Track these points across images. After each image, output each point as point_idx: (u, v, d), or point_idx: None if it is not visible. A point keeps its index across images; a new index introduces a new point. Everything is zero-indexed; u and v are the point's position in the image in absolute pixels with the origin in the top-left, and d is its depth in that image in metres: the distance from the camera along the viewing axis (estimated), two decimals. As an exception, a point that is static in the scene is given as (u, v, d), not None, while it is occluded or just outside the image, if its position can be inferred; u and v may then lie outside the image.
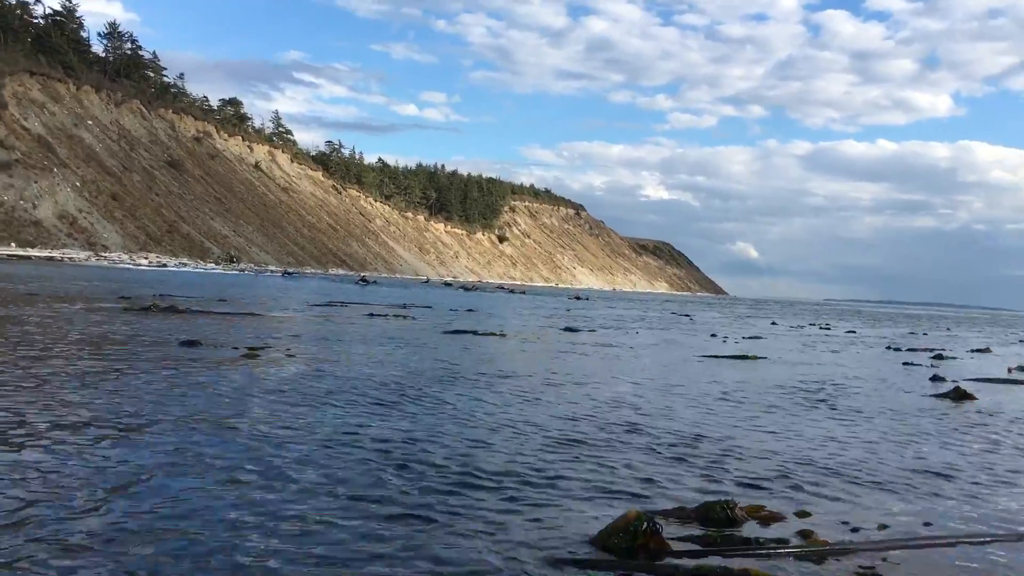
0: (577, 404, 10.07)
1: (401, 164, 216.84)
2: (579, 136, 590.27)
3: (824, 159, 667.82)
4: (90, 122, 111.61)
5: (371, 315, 25.26)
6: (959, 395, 13.60)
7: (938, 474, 7.41)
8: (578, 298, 76.60)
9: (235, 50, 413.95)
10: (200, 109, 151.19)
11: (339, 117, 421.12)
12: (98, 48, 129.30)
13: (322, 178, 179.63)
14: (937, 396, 13.58)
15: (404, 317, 26.09)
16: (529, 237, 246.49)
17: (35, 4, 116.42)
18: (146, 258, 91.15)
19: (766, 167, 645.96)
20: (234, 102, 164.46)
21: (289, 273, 69.76)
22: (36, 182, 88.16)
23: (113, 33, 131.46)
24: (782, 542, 5.09)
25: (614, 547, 4.79)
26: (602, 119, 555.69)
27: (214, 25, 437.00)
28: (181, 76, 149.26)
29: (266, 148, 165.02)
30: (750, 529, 5.35)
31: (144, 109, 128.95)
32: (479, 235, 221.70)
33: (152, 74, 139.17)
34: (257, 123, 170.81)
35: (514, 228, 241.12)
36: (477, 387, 10.95)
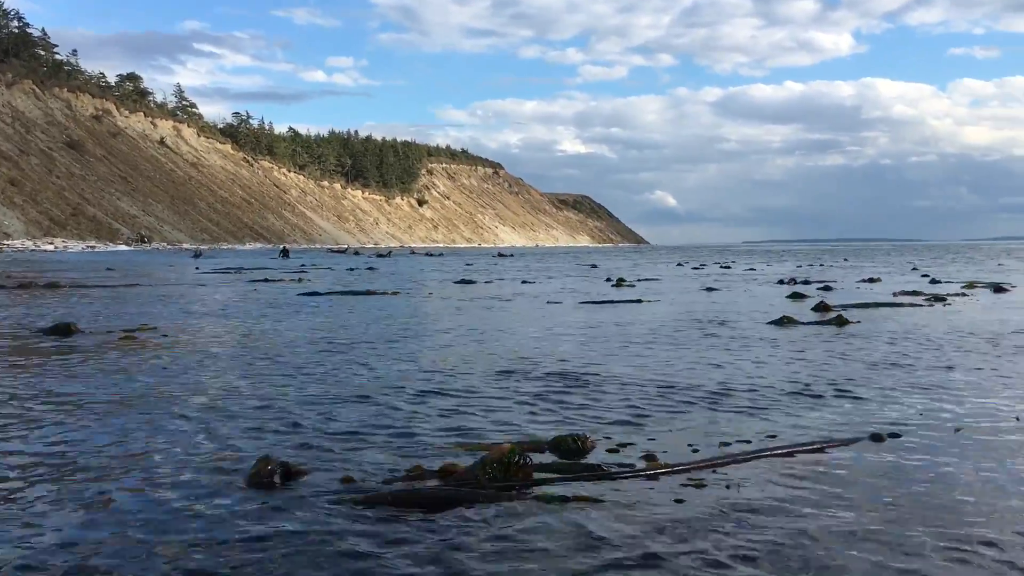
0: (447, 354, 10.24)
1: (313, 133, 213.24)
2: (492, 94, 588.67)
3: (734, 104, 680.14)
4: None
5: (265, 280, 25.07)
6: (840, 322, 14.24)
7: (797, 393, 7.79)
8: (501, 255, 76.93)
9: (129, 23, 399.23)
10: (97, 86, 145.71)
11: (245, 87, 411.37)
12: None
13: (232, 151, 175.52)
14: (818, 323, 14.17)
15: (300, 280, 26.33)
16: (449, 199, 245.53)
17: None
18: (51, 243, 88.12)
19: (679, 115, 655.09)
20: (133, 77, 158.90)
21: (198, 253, 68.07)
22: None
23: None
24: (625, 466, 5.36)
25: (487, 475, 4.94)
26: (514, 75, 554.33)
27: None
28: (74, 53, 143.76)
29: (170, 123, 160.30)
30: (599, 457, 5.60)
31: (37, 89, 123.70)
32: (398, 200, 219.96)
33: (43, 52, 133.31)
34: (159, 98, 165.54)
35: (433, 191, 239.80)
36: (356, 349, 11.03)
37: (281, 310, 16.57)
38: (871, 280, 27.97)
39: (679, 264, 43.78)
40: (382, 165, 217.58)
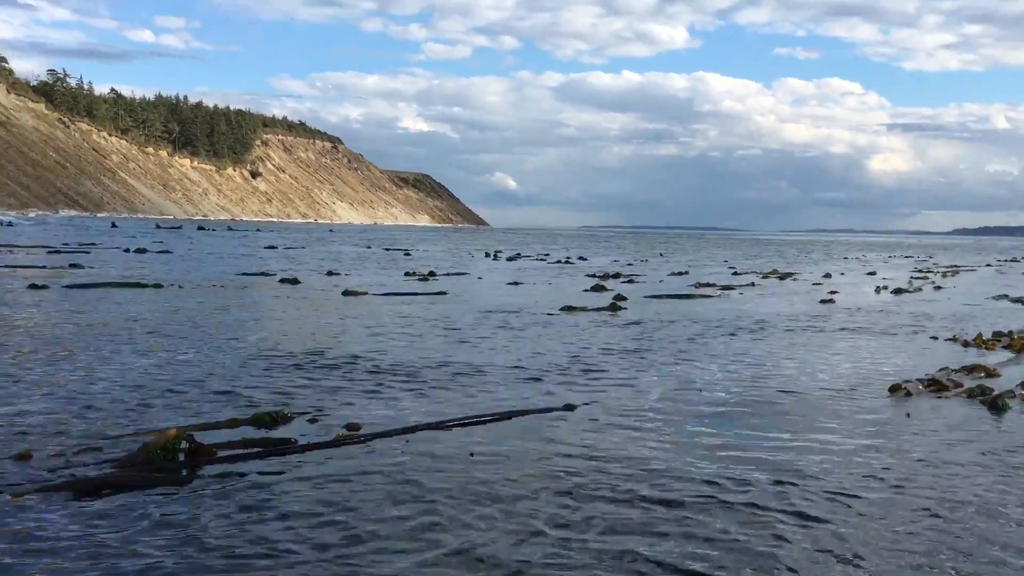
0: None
1: (138, 95, 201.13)
2: (332, 66, 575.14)
3: (575, 90, 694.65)
4: None
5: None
6: (614, 308, 15.07)
7: (531, 377, 8.25)
8: (331, 231, 75.85)
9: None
10: None
11: (64, 43, 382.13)
12: None
13: (46, 111, 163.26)
14: (597, 310, 14.94)
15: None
16: (284, 172, 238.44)
17: None
18: None
19: (520, 98, 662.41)
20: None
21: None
22: None
23: None
24: (320, 436, 5.59)
25: (155, 460, 4.99)
26: (355, 48, 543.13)
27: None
28: None
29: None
30: (297, 428, 5.80)
31: None
32: (230, 171, 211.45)
33: None
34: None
35: (268, 163, 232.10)
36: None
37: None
38: (680, 273, 29.47)
39: (494, 255, 44.41)
40: (213, 133, 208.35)
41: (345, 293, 16.94)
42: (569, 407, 6.65)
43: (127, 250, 31.03)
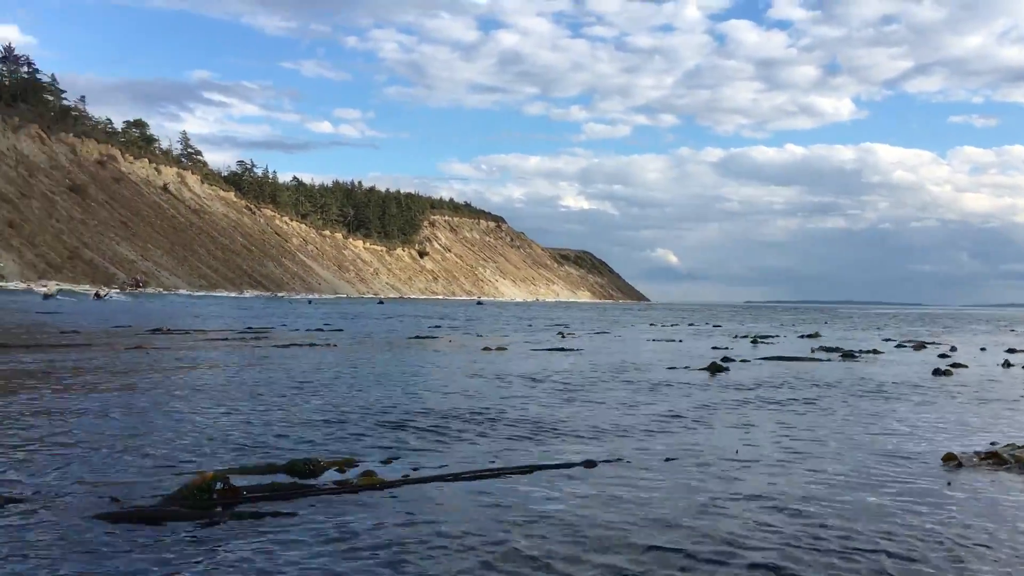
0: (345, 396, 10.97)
1: (317, 182, 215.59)
2: (496, 149, 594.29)
3: (736, 165, 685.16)
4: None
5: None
6: (715, 368, 14.97)
7: (597, 428, 8.44)
8: (480, 303, 77.90)
9: (139, 70, 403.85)
10: (103, 132, 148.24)
11: (252, 136, 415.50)
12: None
13: (235, 199, 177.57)
14: (700, 369, 14.87)
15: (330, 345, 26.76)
16: (450, 251, 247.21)
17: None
18: (45, 286, 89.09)
19: (681, 174, 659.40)
20: (139, 123, 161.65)
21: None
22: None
23: (8, 57, 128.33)
24: (342, 484, 6.06)
25: (191, 498, 5.62)
26: (518, 131, 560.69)
27: (116, 46, 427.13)
28: (82, 99, 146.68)
29: (175, 170, 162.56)
30: (327, 476, 6.31)
31: (43, 134, 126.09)
32: (399, 251, 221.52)
33: (51, 97, 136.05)
34: (165, 145, 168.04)
35: (434, 243, 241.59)
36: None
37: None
38: (809, 336, 28.64)
39: (651, 324, 44.39)
40: (384, 216, 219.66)
41: (485, 349, 17.70)
42: (589, 463, 6.83)
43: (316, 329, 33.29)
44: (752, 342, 23.92)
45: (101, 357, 15.12)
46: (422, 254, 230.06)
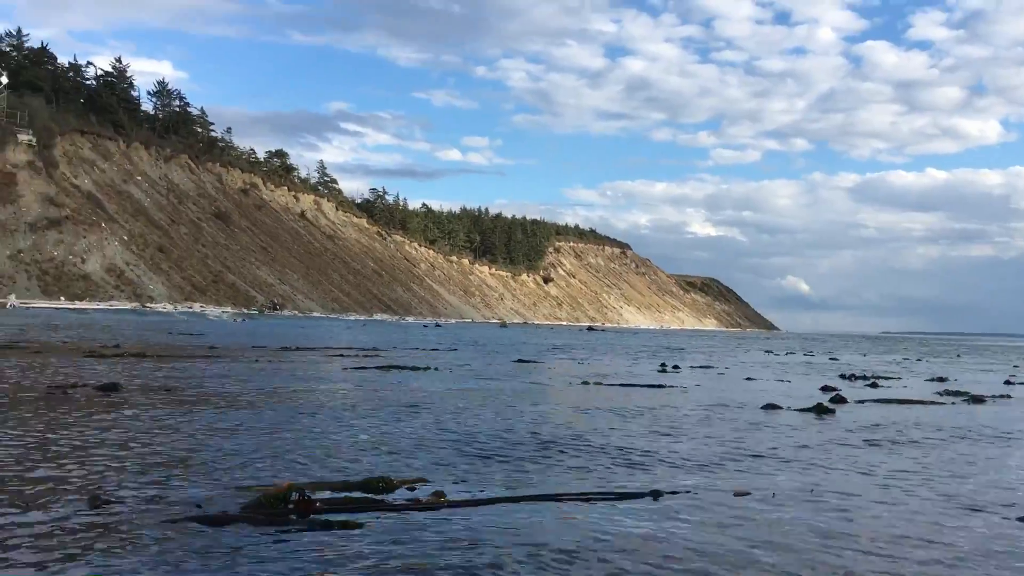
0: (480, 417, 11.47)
1: (445, 209, 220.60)
2: (622, 175, 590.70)
3: (872, 190, 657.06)
4: (139, 178, 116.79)
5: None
6: (821, 410, 14.64)
7: (679, 460, 8.58)
8: (591, 329, 77.96)
9: (281, 103, 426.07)
10: (247, 161, 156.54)
11: (384, 164, 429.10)
12: (148, 106, 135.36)
13: (367, 225, 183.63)
14: (801, 410, 14.61)
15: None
16: (574, 277, 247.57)
17: (86, 67, 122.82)
18: (190, 307, 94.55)
19: (813, 200, 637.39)
20: (280, 153, 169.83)
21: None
22: (85, 237, 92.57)
23: (162, 91, 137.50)
24: (411, 501, 6.46)
25: (269, 506, 6.17)
26: (644, 157, 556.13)
27: (260, 80, 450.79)
28: (228, 130, 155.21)
29: (312, 197, 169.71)
30: (399, 494, 6.72)
31: (192, 163, 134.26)
32: (524, 277, 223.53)
33: (200, 129, 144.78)
34: (303, 173, 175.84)
35: (559, 269, 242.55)
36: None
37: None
38: (939, 379, 27.33)
39: (767, 352, 43.35)
40: (510, 242, 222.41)
41: (583, 383, 17.90)
42: (656, 493, 6.98)
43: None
44: (871, 384, 23.03)
45: (231, 368, 16.19)
46: (547, 280, 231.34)
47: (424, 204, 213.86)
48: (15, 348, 21.96)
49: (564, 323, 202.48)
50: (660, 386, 18.71)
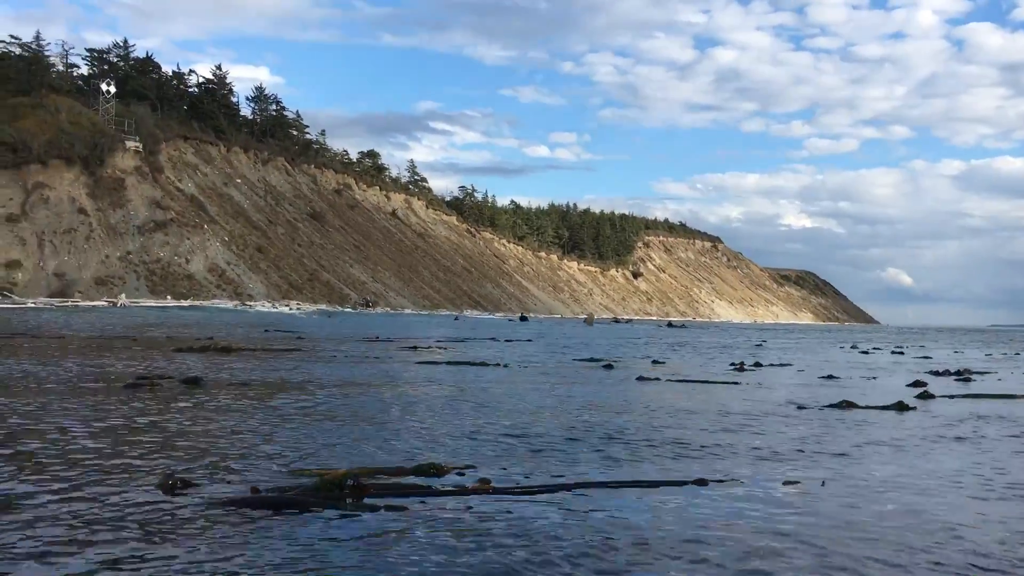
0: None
1: (534, 205, 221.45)
2: (712, 168, 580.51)
3: (979, 177, 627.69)
4: (239, 180, 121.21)
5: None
6: (901, 407, 14.44)
7: (719, 450, 8.78)
8: (671, 325, 77.57)
9: (373, 104, 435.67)
10: (340, 163, 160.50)
11: (473, 162, 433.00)
12: (246, 111, 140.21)
13: (456, 222, 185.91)
14: (880, 408, 14.45)
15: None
16: (664, 272, 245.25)
17: (189, 75, 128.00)
18: (287, 305, 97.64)
19: (915, 189, 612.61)
20: (372, 154, 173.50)
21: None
22: (188, 238, 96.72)
23: (260, 96, 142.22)
24: (458, 486, 6.91)
25: (326, 490, 6.69)
26: (735, 149, 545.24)
27: (352, 82, 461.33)
28: (322, 133, 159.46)
29: (402, 196, 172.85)
30: (448, 480, 7.17)
31: (288, 166, 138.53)
32: (613, 272, 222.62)
33: (295, 132, 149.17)
34: (394, 172, 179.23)
35: (648, 263, 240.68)
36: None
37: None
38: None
39: (853, 347, 42.34)
40: (599, 237, 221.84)
41: (639, 379, 18.07)
42: (701, 481, 7.24)
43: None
44: (963, 379, 22.38)
45: (308, 361, 17.00)
46: (636, 275, 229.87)
47: (512, 201, 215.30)
48: (118, 340, 23.44)
49: (654, 317, 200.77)
50: (721, 382, 18.60)
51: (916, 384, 19.34)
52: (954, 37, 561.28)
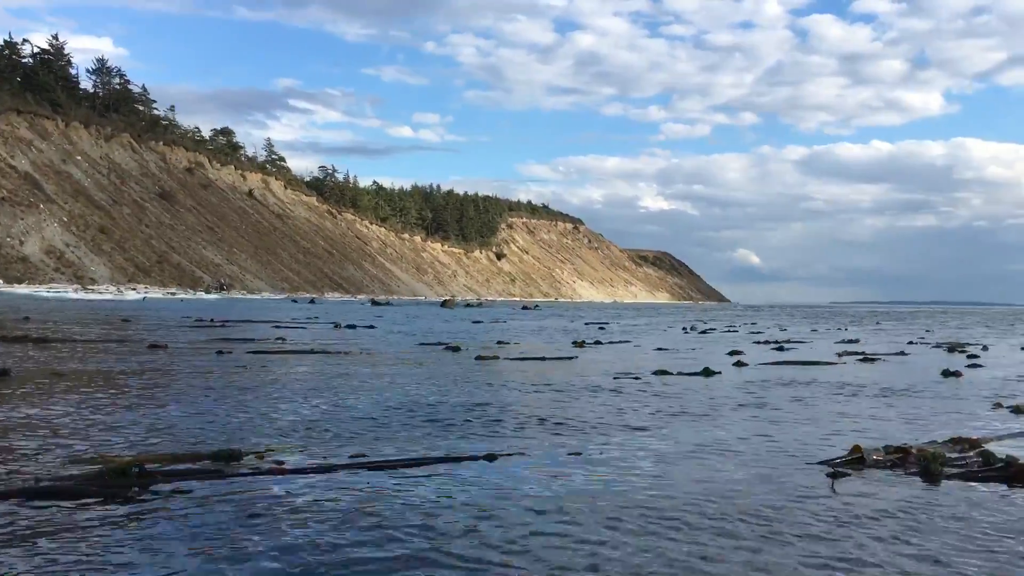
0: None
1: (397, 186, 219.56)
2: (575, 151, 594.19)
3: (820, 163, 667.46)
4: (79, 157, 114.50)
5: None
6: (708, 373, 15.25)
7: (524, 421, 8.99)
8: (525, 308, 79.11)
9: (227, 80, 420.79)
10: (192, 140, 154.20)
11: (335, 142, 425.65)
12: (87, 84, 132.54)
13: (317, 203, 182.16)
14: (690, 374, 15.19)
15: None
16: (527, 253, 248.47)
17: (22, 44, 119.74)
18: (134, 289, 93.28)
19: (763, 173, 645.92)
20: (226, 131, 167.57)
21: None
22: (22, 219, 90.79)
23: (102, 69, 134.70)
24: (253, 469, 6.82)
25: (108, 478, 6.46)
26: (596, 132, 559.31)
27: (205, 57, 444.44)
28: (172, 108, 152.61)
29: (259, 176, 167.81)
30: (245, 463, 7.07)
31: (134, 143, 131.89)
32: (476, 253, 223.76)
33: (142, 108, 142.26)
34: (250, 151, 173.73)
35: (512, 245, 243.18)
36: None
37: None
38: (849, 341, 28.38)
39: (686, 329, 44.22)
40: (463, 219, 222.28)
41: (477, 359, 18.27)
42: (490, 456, 7.41)
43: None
44: (777, 348, 23.89)
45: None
46: (499, 256, 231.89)
47: (375, 182, 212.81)
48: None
49: (517, 298, 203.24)
50: (556, 359, 19.00)
51: (733, 353, 20.51)
52: (798, 27, 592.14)
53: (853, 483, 6.80)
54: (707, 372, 15.16)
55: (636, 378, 14.51)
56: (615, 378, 14.40)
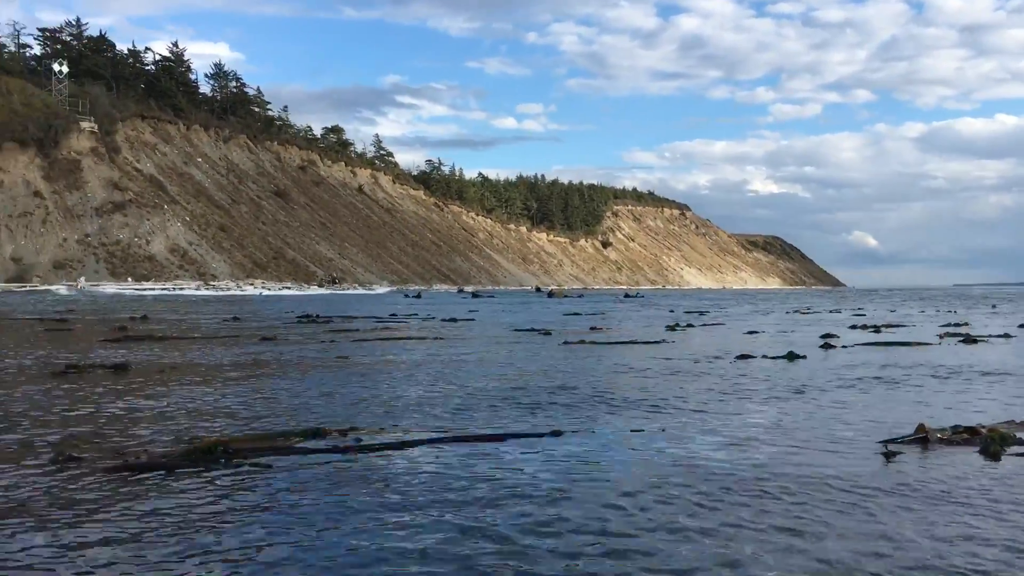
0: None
1: (502, 177, 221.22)
2: (680, 136, 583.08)
3: (940, 139, 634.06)
4: (199, 159, 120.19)
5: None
6: (792, 357, 15.18)
7: (634, 403, 9.36)
8: (627, 296, 78.73)
9: (336, 79, 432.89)
10: (304, 139, 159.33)
11: (440, 135, 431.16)
12: (206, 88, 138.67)
13: (424, 196, 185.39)
14: (774, 358, 15.18)
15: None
16: (633, 241, 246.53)
17: (145, 52, 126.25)
18: (252, 284, 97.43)
19: (878, 152, 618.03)
20: (336, 129, 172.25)
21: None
22: (148, 219, 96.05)
23: (219, 73, 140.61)
24: (333, 445, 7.43)
25: (197, 455, 7.19)
26: (702, 116, 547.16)
27: (314, 57, 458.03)
28: (285, 109, 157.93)
29: (368, 172, 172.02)
30: (330, 440, 7.69)
31: (251, 143, 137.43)
32: (582, 242, 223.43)
33: (257, 109, 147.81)
34: (359, 148, 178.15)
35: (617, 233, 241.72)
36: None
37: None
38: (957, 324, 27.40)
39: (790, 312, 43.25)
40: (567, 208, 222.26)
41: (564, 343, 18.66)
42: (556, 432, 7.82)
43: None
44: (874, 330, 23.33)
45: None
46: (605, 244, 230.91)
47: (480, 173, 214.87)
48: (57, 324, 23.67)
49: (624, 286, 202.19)
50: (646, 342, 19.27)
51: (826, 336, 20.22)
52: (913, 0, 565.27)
53: (910, 461, 6.90)
54: (791, 356, 15.12)
55: (716, 359, 14.64)
56: (695, 362, 14.57)
